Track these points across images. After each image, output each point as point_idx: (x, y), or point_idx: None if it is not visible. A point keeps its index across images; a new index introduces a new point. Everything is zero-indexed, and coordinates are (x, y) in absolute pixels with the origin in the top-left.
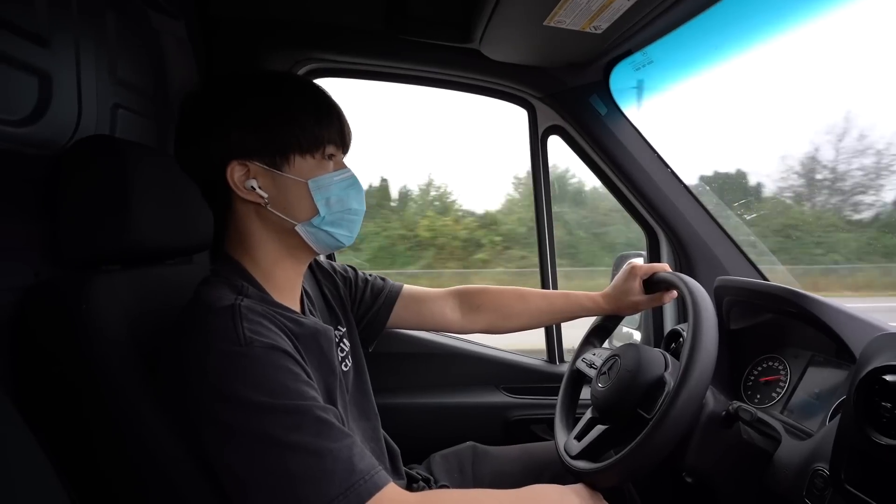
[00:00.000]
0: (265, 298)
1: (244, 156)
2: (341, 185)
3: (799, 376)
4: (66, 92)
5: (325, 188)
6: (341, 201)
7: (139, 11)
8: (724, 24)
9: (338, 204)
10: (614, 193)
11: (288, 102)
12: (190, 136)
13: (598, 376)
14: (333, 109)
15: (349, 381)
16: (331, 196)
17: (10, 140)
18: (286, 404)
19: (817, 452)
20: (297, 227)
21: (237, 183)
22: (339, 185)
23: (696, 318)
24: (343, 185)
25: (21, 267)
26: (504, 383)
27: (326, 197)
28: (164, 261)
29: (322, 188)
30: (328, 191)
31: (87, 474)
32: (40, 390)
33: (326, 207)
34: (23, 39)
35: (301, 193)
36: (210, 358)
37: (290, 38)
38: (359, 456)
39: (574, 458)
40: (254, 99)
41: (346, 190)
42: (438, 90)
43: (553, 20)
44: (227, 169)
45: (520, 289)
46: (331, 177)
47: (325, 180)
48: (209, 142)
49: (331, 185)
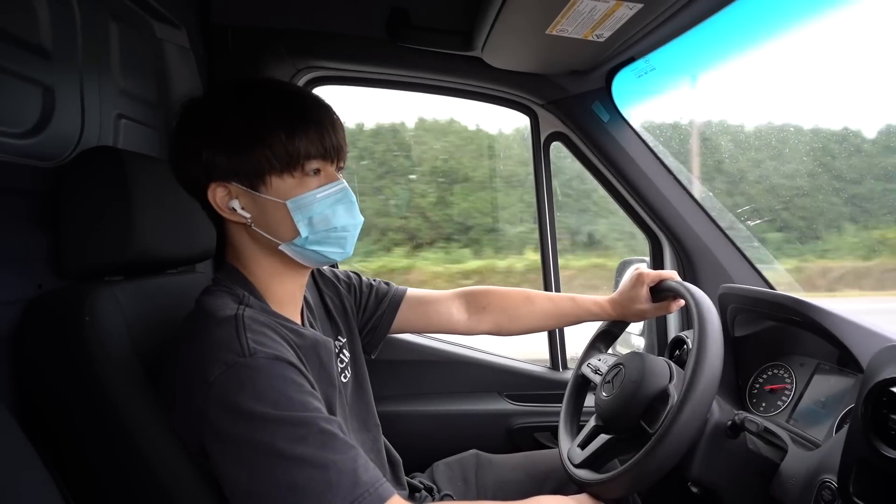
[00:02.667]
0: (265, 309)
1: (221, 178)
2: (326, 203)
3: (805, 384)
4: (69, 103)
5: (306, 207)
6: (325, 220)
7: (142, 21)
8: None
9: (322, 223)
10: (617, 200)
11: (257, 122)
12: (175, 155)
13: (602, 385)
14: (312, 120)
15: (348, 392)
16: (313, 215)
17: (14, 152)
18: (291, 416)
19: (825, 464)
20: (282, 247)
21: (219, 204)
22: (323, 202)
23: (702, 332)
24: (328, 202)
25: (25, 278)
26: (507, 390)
27: (308, 216)
28: (166, 271)
29: (302, 208)
30: (310, 210)
31: (87, 486)
32: (42, 401)
33: (308, 227)
34: (26, 52)
35: (282, 214)
36: (214, 369)
37: (292, 47)
38: (363, 468)
39: (577, 466)
40: (224, 120)
41: (331, 207)
42: (440, 97)
43: (555, 29)
44: (207, 190)
45: (526, 291)
46: (312, 195)
47: (305, 199)
48: (189, 163)
49: (312, 204)
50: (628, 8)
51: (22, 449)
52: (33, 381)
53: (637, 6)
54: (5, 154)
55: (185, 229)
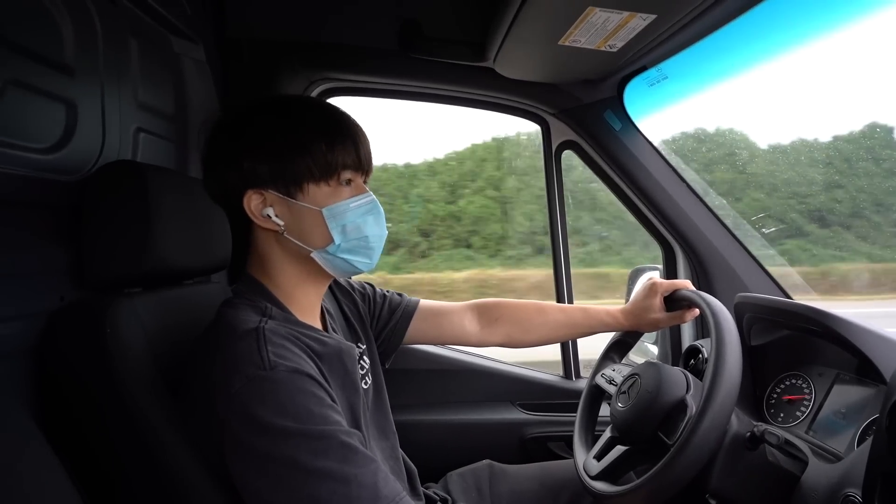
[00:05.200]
0: (289, 318)
1: (259, 185)
2: (358, 212)
3: (824, 395)
4: (91, 119)
5: (341, 216)
6: (358, 228)
7: (161, 37)
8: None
9: (354, 231)
10: (630, 208)
11: (300, 131)
12: (209, 164)
13: (617, 395)
14: (349, 133)
15: (369, 399)
16: (346, 223)
17: (37, 167)
18: (311, 430)
19: (848, 477)
20: (313, 255)
21: (254, 211)
22: (356, 211)
23: (720, 342)
24: (360, 211)
25: (48, 291)
26: (519, 399)
27: (342, 224)
28: (183, 281)
29: (337, 216)
30: (343, 218)
31: (108, 494)
32: (66, 412)
33: (342, 235)
34: (51, 69)
35: (316, 221)
36: (234, 382)
37: (306, 59)
38: (383, 481)
39: (594, 478)
40: (266, 129)
41: (363, 217)
42: (453, 107)
43: (568, 40)
44: (243, 198)
45: (538, 302)
46: (346, 204)
47: (340, 208)
48: (226, 171)
49: (346, 213)
50: (642, 19)
51: (46, 457)
52: (56, 392)
53: (650, 17)
54: (30, 169)
55: (202, 240)
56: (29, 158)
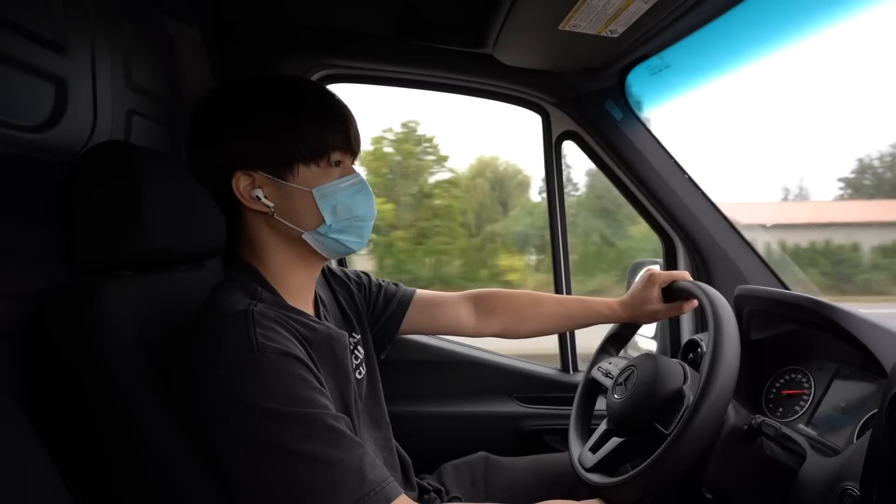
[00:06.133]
0: (279, 303)
1: (248, 166)
2: (348, 192)
3: (824, 389)
4: (82, 98)
5: (331, 196)
6: (348, 208)
7: (154, 18)
8: (745, 27)
9: (344, 211)
10: (630, 199)
11: (290, 112)
12: (196, 144)
13: (613, 387)
14: (339, 115)
15: (363, 390)
16: (337, 204)
17: (26, 146)
18: (297, 412)
19: (846, 470)
20: (305, 236)
21: (243, 193)
22: (346, 192)
23: (718, 330)
24: (350, 191)
25: (35, 272)
26: (516, 392)
27: (332, 205)
28: (175, 267)
29: (327, 196)
30: (334, 199)
31: (95, 479)
32: (51, 395)
33: (333, 216)
34: (40, 46)
35: (306, 202)
36: (222, 363)
37: (304, 45)
38: (370, 466)
39: (589, 470)
40: (256, 109)
41: (353, 196)
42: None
43: (568, 24)
44: (232, 179)
45: (535, 293)
46: (336, 184)
47: (330, 188)
48: (214, 152)
49: (336, 193)
50: (643, 2)
51: (30, 442)
52: (41, 375)
53: (651, 0)
54: (18, 148)
55: (195, 225)
56: (17, 136)
